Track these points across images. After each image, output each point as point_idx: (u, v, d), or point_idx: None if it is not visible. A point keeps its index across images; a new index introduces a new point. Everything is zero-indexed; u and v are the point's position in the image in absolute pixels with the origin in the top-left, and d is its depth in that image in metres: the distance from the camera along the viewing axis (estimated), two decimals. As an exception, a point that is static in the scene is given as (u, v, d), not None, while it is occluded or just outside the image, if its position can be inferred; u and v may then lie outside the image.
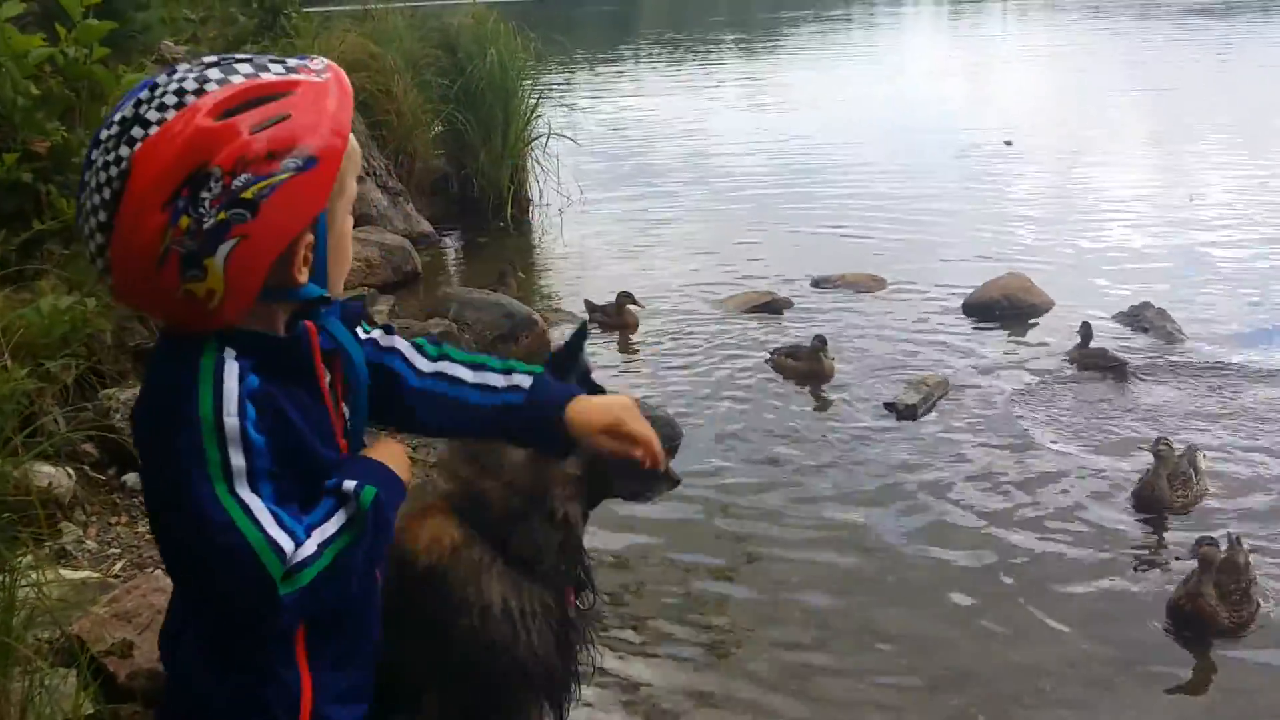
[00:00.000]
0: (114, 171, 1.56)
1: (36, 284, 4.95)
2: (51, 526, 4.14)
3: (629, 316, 7.93)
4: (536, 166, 11.79)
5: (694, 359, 7.30)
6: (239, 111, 1.59)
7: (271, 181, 1.58)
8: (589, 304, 8.14)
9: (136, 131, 1.57)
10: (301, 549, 1.67)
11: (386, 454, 1.95)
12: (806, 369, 6.88)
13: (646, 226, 11.04)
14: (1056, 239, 9.81)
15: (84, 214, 1.61)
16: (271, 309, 1.75)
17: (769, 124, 16.45)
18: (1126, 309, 7.59)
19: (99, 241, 1.60)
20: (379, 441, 2.02)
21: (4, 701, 2.97)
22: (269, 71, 1.65)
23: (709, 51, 28.70)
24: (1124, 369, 6.71)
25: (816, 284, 8.76)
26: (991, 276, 8.26)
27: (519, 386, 2.13)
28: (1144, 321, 7.36)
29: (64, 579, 3.52)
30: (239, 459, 1.64)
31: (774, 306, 8.24)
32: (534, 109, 11.68)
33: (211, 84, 1.59)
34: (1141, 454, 5.47)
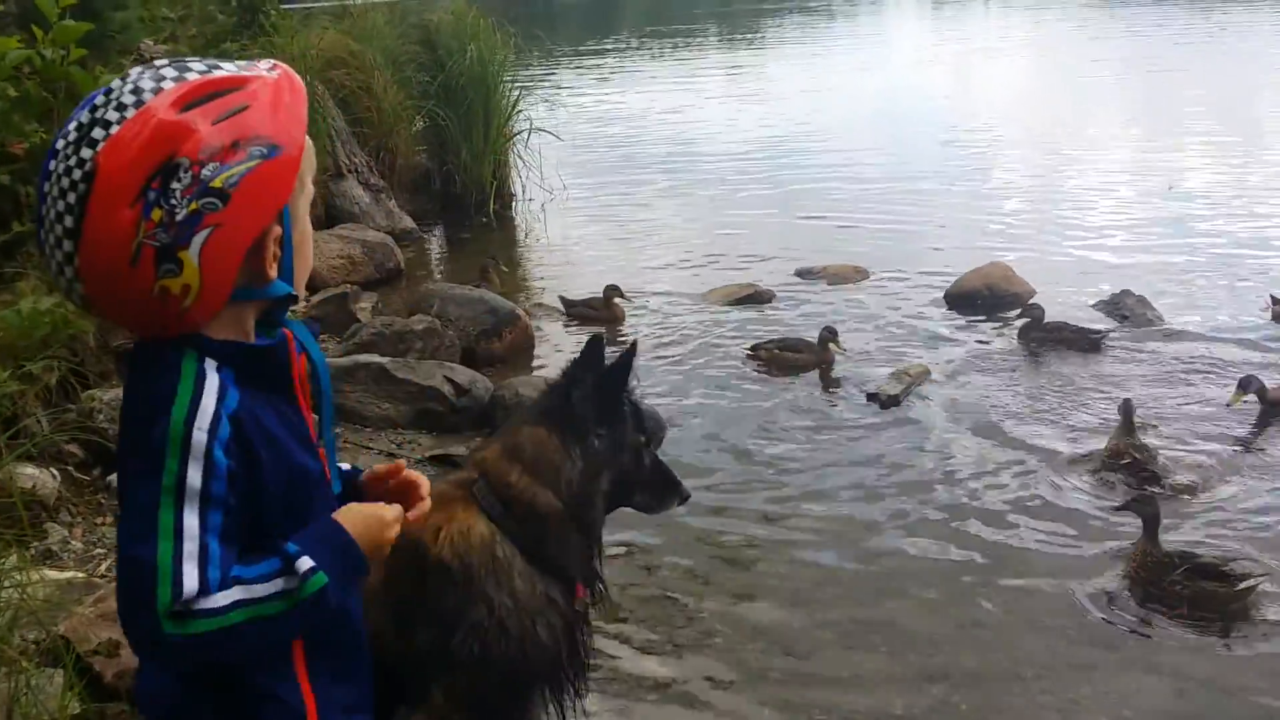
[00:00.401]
0: (77, 175, 1.54)
1: (16, 285, 4.95)
2: (36, 528, 4.14)
3: (616, 310, 7.95)
4: (519, 161, 11.78)
5: (679, 352, 7.32)
6: (199, 104, 1.58)
7: (239, 170, 1.58)
8: (565, 300, 8.15)
9: (97, 133, 1.55)
10: (209, 598, 1.58)
11: (356, 521, 1.80)
12: (815, 360, 6.91)
13: (630, 220, 11.06)
14: (1038, 228, 9.86)
15: (47, 225, 1.57)
16: (242, 313, 1.72)
17: (752, 116, 16.47)
18: (1107, 297, 7.63)
19: (66, 249, 1.56)
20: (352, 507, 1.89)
21: (-10, 702, 2.98)
22: (221, 69, 1.66)
23: (691, 44, 28.69)
24: (1097, 340, 6.86)
25: (800, 275, 8.79)
26: (973, 266, 8.31)
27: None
28: (1124, 309, 7.40)
29: (49, 579, 3.51)
30: (195, 477, 1.59)
31: (758, 298, 8.27)
32: (515, 104, 11.67)
33: (168, 81, 1.59)
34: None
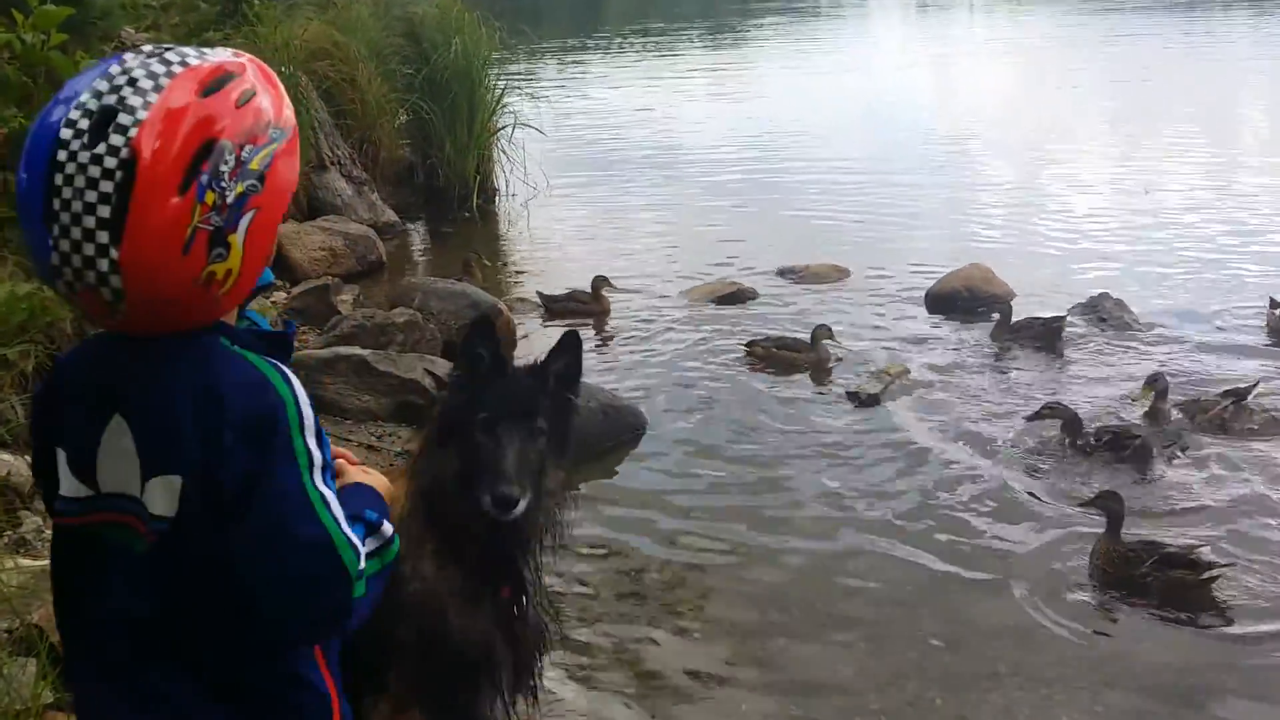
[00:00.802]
0: (111, 163, 1.46)
1: (-6, 271, 4.92)
2: (10, 515, 4.12)
3: (604, 302, 7.99)
4: (502, 156, 11.75)
5: (659, 348, 7.33)
6: (217, 88, 1.54)
7: (269, 150, 1.57)
8: (544, 296, 8.14)
9: (124, 119, 1.47)
10: (360, 555, 1.66)
11: (380, 484, 1.95)
12: (811, 359, 6.92)
13: (613, 216, 11.06)
14: (1017, 230, 9.91)
15: (66, 220, 1.47)
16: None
17: (736, 115, 16.48)
18: (1085, 299, 7.66)
19: (100, 241, 1.47)
20: (367, 470, 2.00)
21: (-39, 690, 2.96)
22: (207, 55, 1.61)
23: (676, 42, 28.69)
24: (1057, 328, 7.03)
25: (782, 273, 8.80)
26: (953, 267, 8.34)
27: None
28: (1102, 312, 7.43)
29: (23, 567, 3.49)
30: (315, 448, 1.62)
31: (739, 296, 8.28)
32: (500, 99, 11.64)
33: (176, 65, 1.53)
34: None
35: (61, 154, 1.47)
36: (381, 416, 6.03)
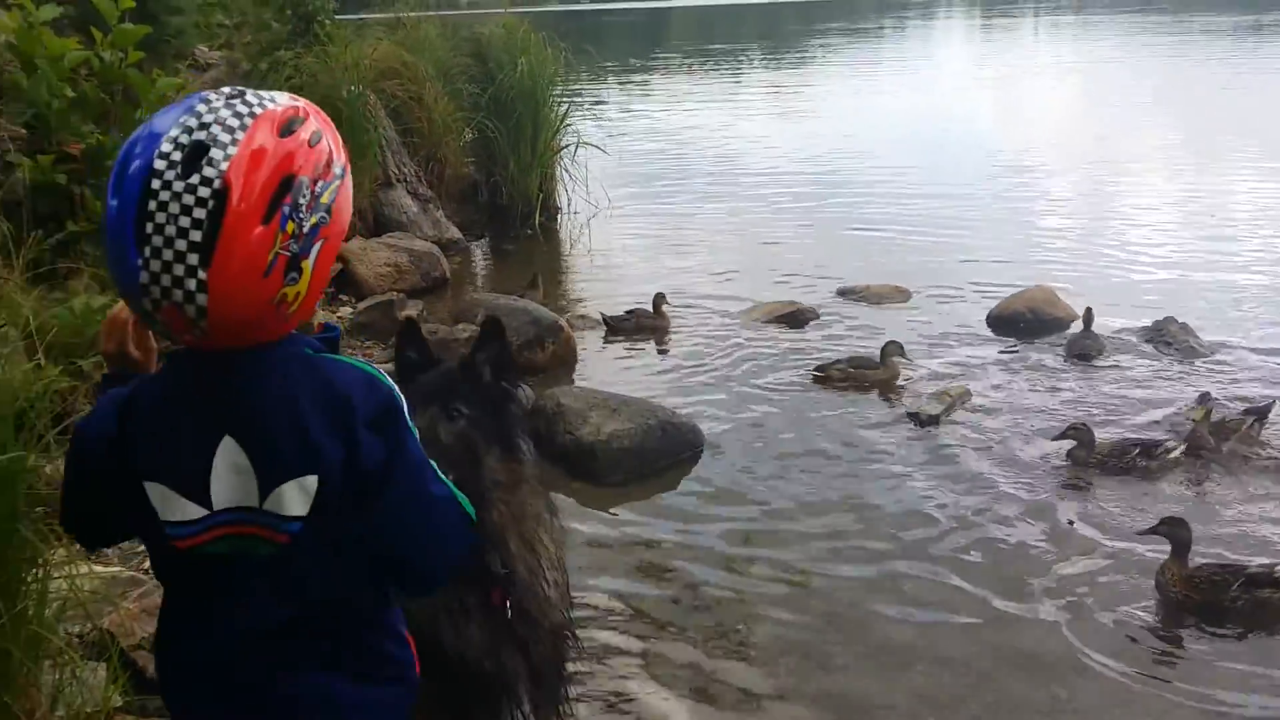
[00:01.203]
0: (205, 193, 1.59)
1: (69, 284, 5.02)
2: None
3: (666, 319, 8.04)
4: (565, 175, 11.86)
5: (719, 368, 7.33)
6: (293, 129, 1.70)
7: (335, 186, 1.74)
8: (608, 318, 8.18)
9: (215, 154, 1.61)
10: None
11: None
12: (882, 376, 6.94)
13: (674, 235, 11.10)
14: (1080, 252, 9.81)
15: (159, 242, 1.60)
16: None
17: (797, 134, 16.49)
18: (1150, 323, 7.57)
19: (190, 263, 1.60)
20: None
21: (35, 692, 3.02)
22: (279, 100, 1.76)
23: (738, 62, 28.74)
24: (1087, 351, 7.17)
25: (842, 294, 8.78)
26: (1015, 288, 8.28)
27: None
28: (1167, 336, 7.33)
29: (95, 574, 3.56)
30: (415, 429, 1.89)
31: (799, 316, 8.26)
32: (563, 118, 11.75)
33: (256, 108, 1.68)
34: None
35: (155, 182, 1.61)
36: (443, 431, 6.07)
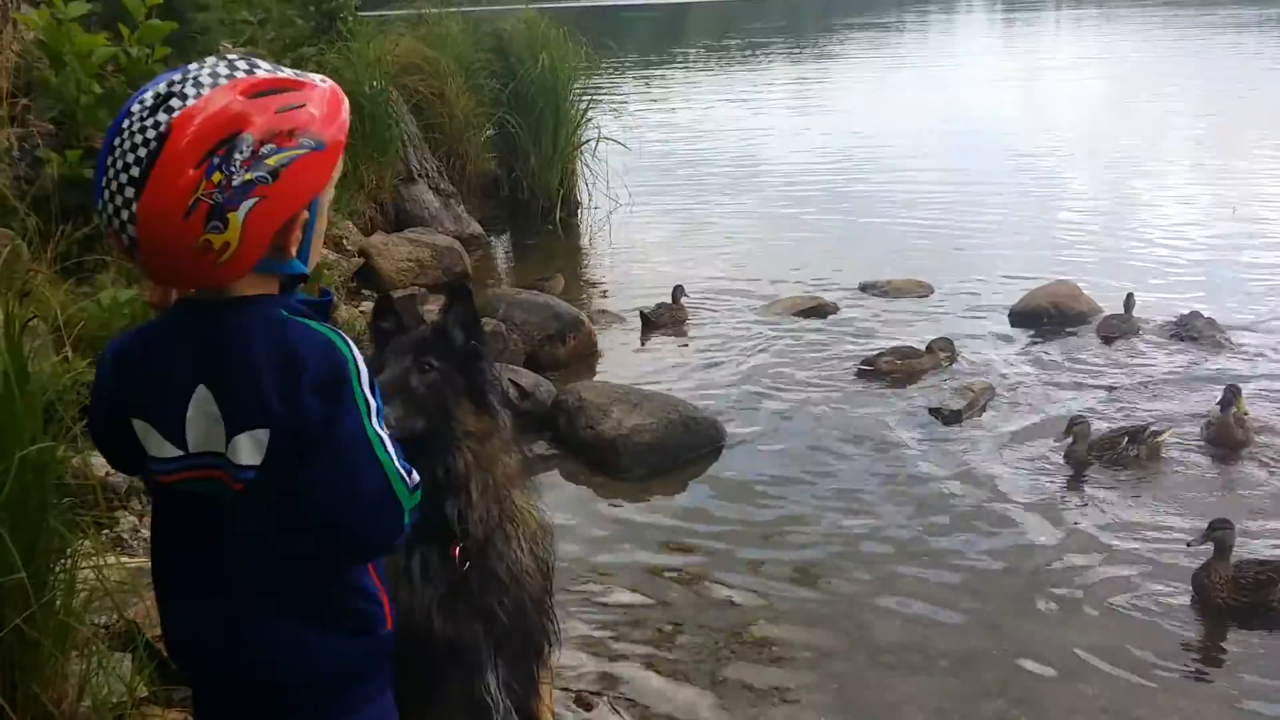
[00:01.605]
0: (150, 135, 1.74)
1: (97, 277, 5.06)
2: (108, 515, 4.23)
3: (684, 311, 8.07)
4: (585, 170, 11.87)
5: (740, 362, 7.33)
6: (267, 94, 1.81)
7: (291, 154, 1.80)
8: (642, 313, 8.17)
9: (174, 103, 1.76)
10: (410, 485, 1.93)
11: None
12: (926, 367, 6.98)
13: (694, 229, 11.10)
14: (1102, 247, 9.78)
15: (111, 174, 1.77)
16: (268, 282, 1.93)
17: (818, 128, 16.45)
18: (1175, 318, 7.53)
19: (127, 195, 1.76)
20: None
21: (62, 681, 3.05)
22: (284, 71, 1.88)
23: (758, 57, 28.69)
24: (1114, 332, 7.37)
25: (864, 288, 8.77)
26: (1038, 283, 8.26)
27: None
28: (1193, 330, 7.30)
29: (122, 565, 3.59)
30: (373, 397, 1.89)
31: (821, 310, 8.26)
32: (584, 113, 11.76)
33: (239, 71, 1.81)
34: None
35: (125, 122, 1.77)
36: (465, 425, 6.09)
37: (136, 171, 1.75)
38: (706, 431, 6.06)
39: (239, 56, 1.84)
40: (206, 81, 1.78)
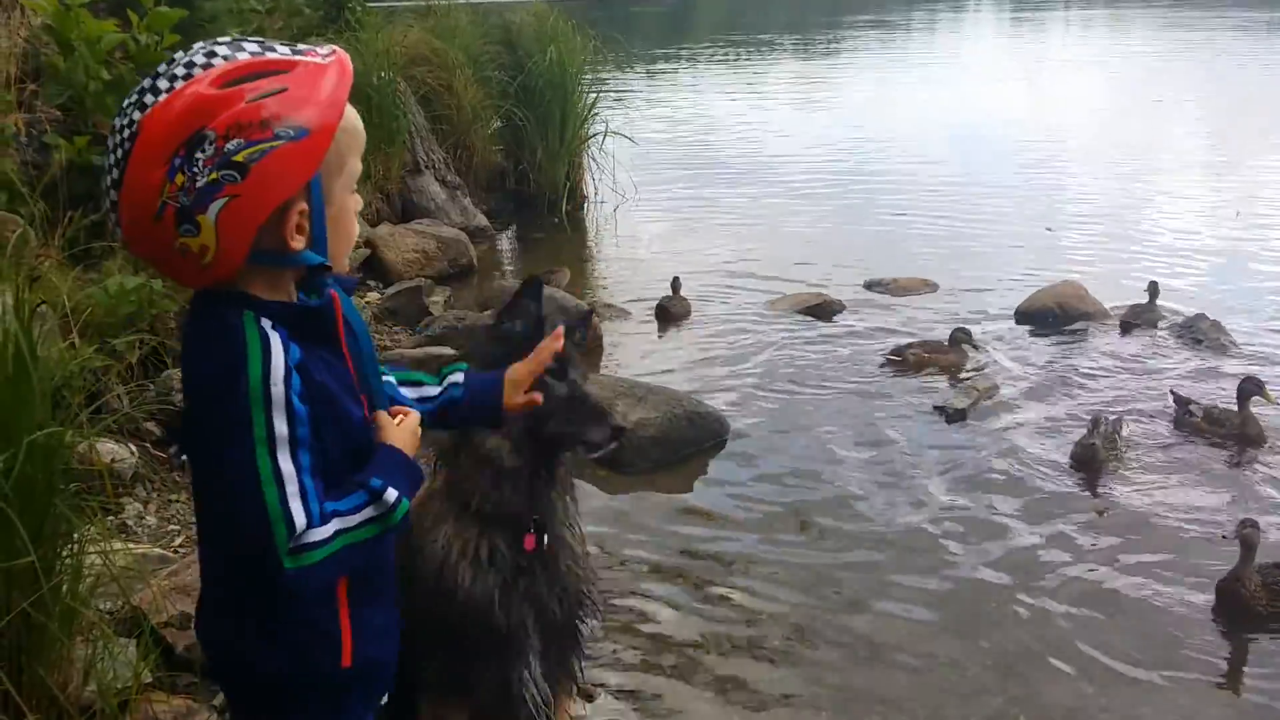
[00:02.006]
0: (126, 134, 1.70)
1: (104, 264, 5.07)
2: (113, 502, 4.24)
3: (687, 303, 8.13)
4: (592, 164, 11.86)
5: (745, 358, 7.33)
6: (240, 82, 1.70)
7: (263, 147, 1.69)
8: (660, 307, 8.19)
9: (149, 99, 1.70)
10: (315, 530, 1.77)
11: (403, 437, 2.00)
12: (953, 361, 7.00)
13: (699, 225, 11.09)
14: (1108, 248, 9.76)
15: (105, 172, 1.75)
16: (279, 275, 1.85)
17: (824, 125, 16.44)
18: (1181, 320, 7.53)
19: (112, 197, 1.74)
20: (383, 421, 2.03)
21: (68, 665, 3.06)
22: (275, 51, 1.78)
23: (766, 53, 28.66)
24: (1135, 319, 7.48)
25: (869, 286, 8.77)
26: (1043, 283, 8.26)
27: (457, 383, 2.30)
28: (1198, 333, 7.29)
29: (129, 551, 3.60)
30: (282, 426, 1.74)
31: (826, 308, 8.26)
32: (591, 107, 11.75)
33: (218, 58, 1.72)
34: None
35: (117, 120, 1.74)
36: (470, 416, 6.11)
37: (116, 174, 1.72)
38: (711, 426, 6.06)
39: (226, 41, 1.76)
40: (180, 74, 1.70)
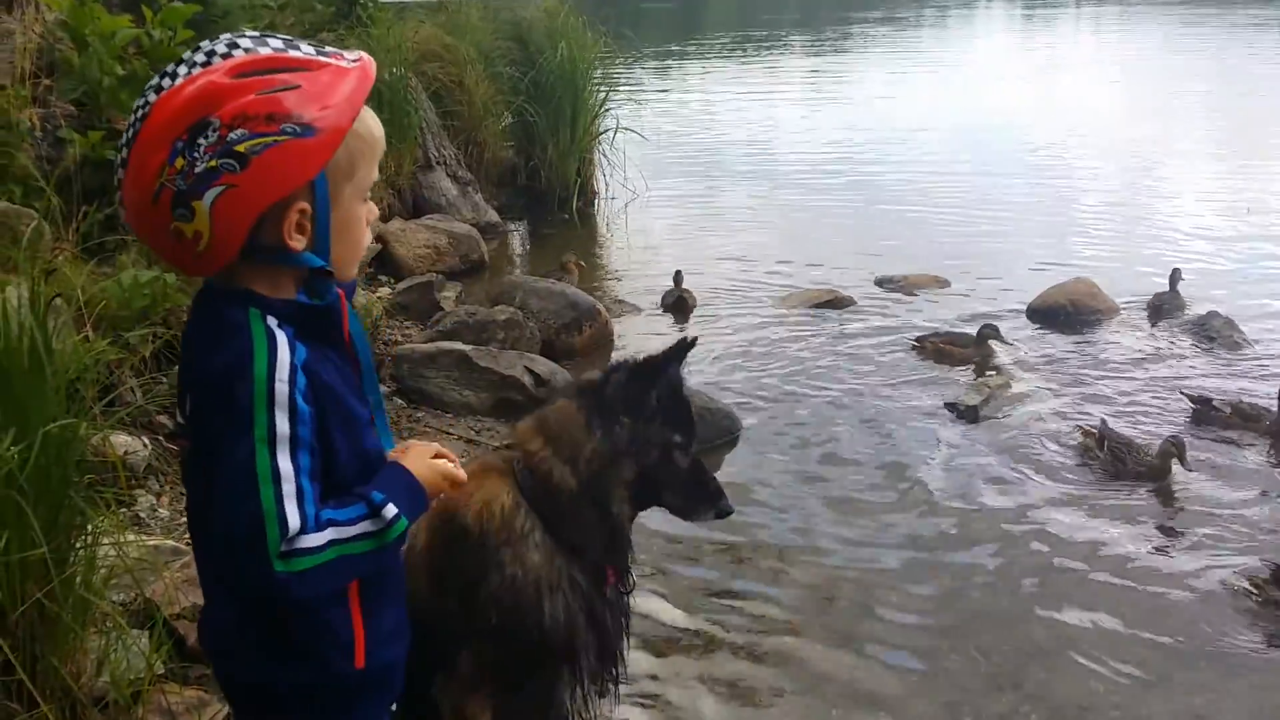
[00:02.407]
0: (138, 115, 1.71)
1: (118, 258, 5.09)
2: (127, 493, 4.26)
3: (692, 296, 8.17)
4: (603, 160, 11.86)
5: (755, 354, 7.33)
6: (255, 75, 1.71)
7: (266, 140, 1.69)
8: (678, 301, 8.21)
9: (165, 82, 1.71)
10: (309, 536, 1.73)
11: (419, 463, 1.96)
12: (976, 356, 7.02)
13: (710, 221, 11.09)
14: (1120, 245, 9.74)
15: (118, 150, 1.77)
16: (278, 274, 1.83)
17: (835, 121, 16.41)
18: (1194, 317, 7.51)
19: (119, 176, 1.75)
20: (413, 446, 2.02)
21: (82, 656, 3.08)
22: (299, 50, 1.77)
23: (776, 49, 28.61)
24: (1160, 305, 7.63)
25: (880, 283, 8.76)
26: (1054, 280, 8.25)
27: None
28: (1211, 331, 7.28)
29: (142, 542, 3.62)
30: (284, 424, 1.73)
31: (836, 304, 8.25)
32: (602, 103, 11.74)
33: (239, 49, 1.72)
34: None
35: (137, 100, 1.75)
36: (481, 412, 6.14)
37: (125, 153, 1.73)
38: (721, 422, 6.06)
39: (254, 34, 1.77)
40: (200, 61, 1.71)
